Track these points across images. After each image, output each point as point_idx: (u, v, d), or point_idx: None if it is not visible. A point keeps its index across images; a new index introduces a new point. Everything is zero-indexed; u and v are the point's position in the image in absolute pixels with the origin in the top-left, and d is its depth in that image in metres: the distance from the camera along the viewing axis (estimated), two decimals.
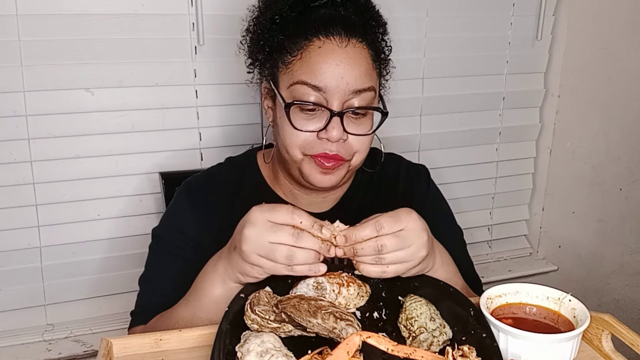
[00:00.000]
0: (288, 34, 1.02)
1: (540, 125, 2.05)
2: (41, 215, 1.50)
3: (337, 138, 1.00)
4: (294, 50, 1.01)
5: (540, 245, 2.16)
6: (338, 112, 0.99)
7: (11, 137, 1.43)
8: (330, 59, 0.99)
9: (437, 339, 0.80)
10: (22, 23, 1.38)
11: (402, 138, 1.82)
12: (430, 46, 1.79)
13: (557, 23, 1.95)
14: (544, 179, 2.09)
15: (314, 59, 1.00)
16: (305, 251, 0.85)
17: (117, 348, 0.84)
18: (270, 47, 1.05)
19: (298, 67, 1.01)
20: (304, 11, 1.03)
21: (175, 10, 1.50)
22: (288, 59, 1.02)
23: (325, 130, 1.00)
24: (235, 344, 0.76)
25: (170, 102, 1.55)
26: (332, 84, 0.99)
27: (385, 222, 0.87)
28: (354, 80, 1.00)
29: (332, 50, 1.00)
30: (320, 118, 1.01)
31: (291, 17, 1.03)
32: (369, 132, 1.04)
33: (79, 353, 1.54)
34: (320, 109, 1.00)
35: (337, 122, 1.00)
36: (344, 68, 0.99)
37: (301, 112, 1.01)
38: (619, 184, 2.16)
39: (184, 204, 1.14)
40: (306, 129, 1.01)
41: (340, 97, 1.00)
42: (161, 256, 1.12)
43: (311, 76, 0.99)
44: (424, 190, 1.21)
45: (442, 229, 1.15)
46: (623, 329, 0.83)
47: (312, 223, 0.86)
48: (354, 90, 1.00)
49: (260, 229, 0.85)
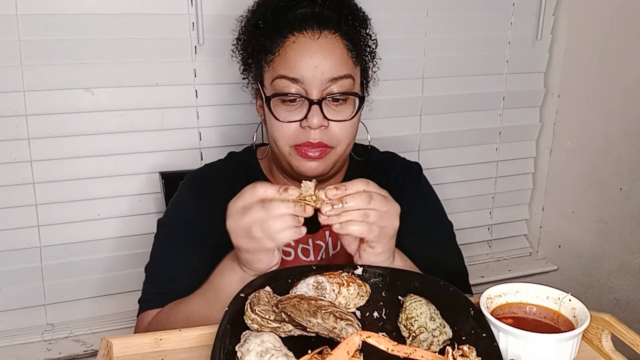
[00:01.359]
0: (268, 35, 1.08)
1: (540, 125, 2.05)
2: (41, 215, 1.50)
3: (318, 125, 1.04)
4: (274, 49, 1.07)
5: (540, 245, 2.16)
6: (317, 100, 1.04)
7: (11, 137, 1.43)
8: (304, 51, 1.05)
9: (437, 339, 0.80)
10: (22, 23, 1.38)
11: (402, 138, 1.82)
12: (430, 46, 1.79)
13: (557, 23, 1.95)
14: (544, 179, 2.09)
15: (289, 53, 1.05)
16: (280, 218, 0.87)
17: (117, 348, 0.84)
18: (255, 50, 1.11)
19: (277, 63, 1.07)
20: (283, 13, 1.08)
21: (175, 10, 1.50)
22: (269, 58, 1.08)
23: (306, 119, 1.04)
24: (235, 343, 0.76)
25: (170, 102, 1.55)
26: (308, 75, 1.04)
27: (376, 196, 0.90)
28: (328, 69, 1.04)
29: (305, 43, 1.05)
30: (302, 109, 1.05)
31: (272, 19, 1.09)
32: (349, 118, 1.07)
33: (79, 353, 1.54)
34: (301, 100, 1.05)
35: (317, 109, 1.04)
36: (317, 59, 1.04)
37: (283, 105, 1.06)
38: (619, 184, 2.16)
39: (188, 195, 1.19)
40: (289, 120, 1.05)
41: (317, 86, 1.04)
42: (167, 244, 1.16)
43: (288, 69, 1.05)
44: (415, 184, 1.24)
45: (432, 223, 1.22)
46: (623, 329, 0.83)
47: (276, 189, 0.89)
48: (330, 79, 1.04)
49: (235, 217, 0.90)
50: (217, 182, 1.19)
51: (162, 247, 1.17)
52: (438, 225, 1.24)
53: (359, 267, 0.95)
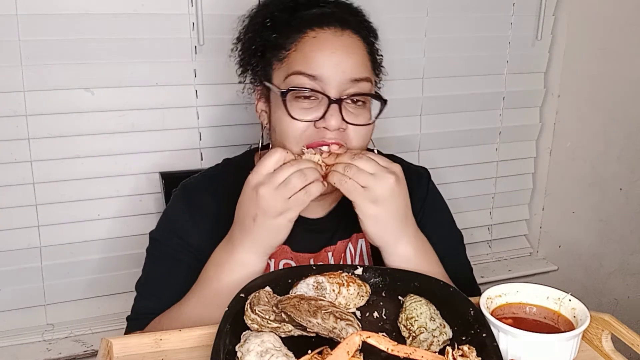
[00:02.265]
0: (281, 31, 1.02)
1: (540, 125, 2.05)
2: (41, 215, 1.50)
3: (336, 126, 0.98)
4: (288, 45, 1.01)
5: (540, 245, 2.16)
6: (336, 99, 0.98)
7: (11, 137, 1.43)
8: (325, 46, 0.98)
9: (437, 339, 0.80)
10: (22, 23, 1.38)
11: (402, 138, 1.82)
12: (430, 46, 1.79)
13: (557, 23, 1.95)
14: (544, 179, 2.09)
15: (308, 48, 0.99)
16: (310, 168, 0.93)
17: (117, 348, 0.84)
18: (263, 48, 1.05)
19: (293, 58, 1.00)
20: (295, 12, 1.03)
21: (175, 10, 1.50)
22: (282, 54, 1.01)
23: (323, 119, 0.98)
24: (235, 343, 0.76)
25: (170, 102, 1.55)
26: (328, 72, 0.98)
27: None
28: (350, 68, 0.99)
29: (326, 38, 0.99)
30: (318, 108, 0.99)
31: (282, 17, 1.03)
32: (368, 122, 1.03)
33: (79, 353, 1.54)
34: (318, 99, 0.99)
35: (336, 109, 0.98)
36: (339, 56, 0.98)
37: (298, 102, 0.99)
38: (619, 184, 2.16)
39: (181, 206, 1.12)
40: (304, 119, 0.99)
41: (337, 85, 0.98)
42: (159, 261, 1.11)
43: (306, 65, 0.98)
44: (424, 192, 1.20)
45: (441, 231, 1.15)
46: (623, 329, 0.83)
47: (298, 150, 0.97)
48: (351, 79, 0.99)
49: (266, 181, 0.91)
50: (212, 193, 1.12)
51: (154, 264, 1.11)
52: (447, 235, 1.19)
53: (359, 267, 0.95)
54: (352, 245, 1.16)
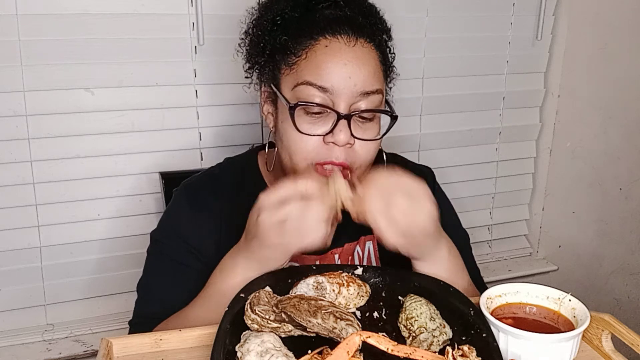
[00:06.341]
0: (291, 34, 0.99)
1: (540, 125, 2.05)
2: (41, 215, 1.50)
3: (344, 142, 0.95)
4: (298, 50, 0.97)
5: (540, 245, 2.16)
6: (345, 114, 0.95)
7: (11, 137, 1.43)
8: (337, 57, 0.95)
9: (437, 339, 0.80)
10: (22, 23, 1.38)
11: (402, 138, 1.82)
12: (430, 46, 1.79)
13: (557, 23, 1.95)
14: (544, 179, 2.09)
15: (320, 57, 0.96)
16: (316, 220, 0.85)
17: (117, 348, 0.84)
18: (271, 49, 1.01)
19: (303, 67, 0.97)
20: (308, 12, 1.00)
21: (175, 10, 1.50)
22: (292, 60, 0.98)
23: (331, 134, 0.95)
24: (235, 344, 0.76)
25: (170, 102, 1.55)
26: (339, 85, 0.95)
27: None
28: (362, 81, 0.96)
29: (339, 49, 0.96)
30: (326, 121, 0.96)
31: (294, 17, 1.00)
32: (377, 137, 1.00)
33: (79, 353, 1.54)
34: (327, 112, 0.96)
35: (345, 125, 0.95)
36: (351, 68, 0.95)
37: (306, 115, 0.96)
38: (619, 184, 2.16)
39: (182, 206, 1.10)
40: (311, 133, 0.96)
41: (347, 98, 0.95)
42: (160, 262, 1.08)
43: (317, 76, 0.95)
44: None
45: (447, 232, 1.14)
46: (623, 329, 0.83)
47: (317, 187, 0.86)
48: (362, 92, 0.96)
49: (269, 209, 0.85)
50: (214, 193, 1.10)
51: (155, 266, 1.09)
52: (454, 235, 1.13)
53: (359, 267, 0.95)
54: (359, 248, 1.14)
